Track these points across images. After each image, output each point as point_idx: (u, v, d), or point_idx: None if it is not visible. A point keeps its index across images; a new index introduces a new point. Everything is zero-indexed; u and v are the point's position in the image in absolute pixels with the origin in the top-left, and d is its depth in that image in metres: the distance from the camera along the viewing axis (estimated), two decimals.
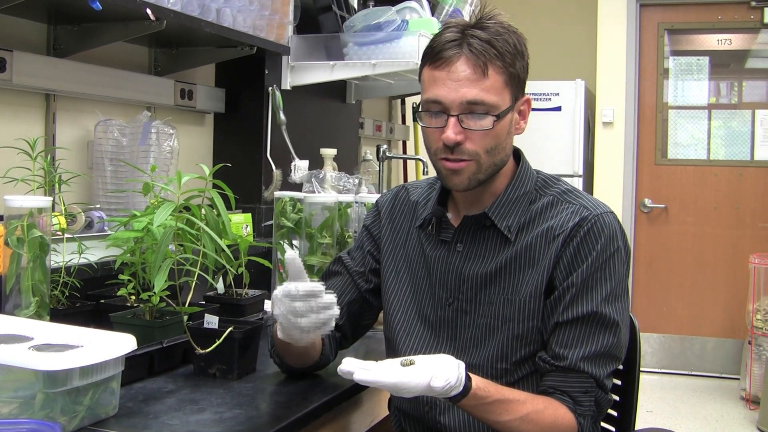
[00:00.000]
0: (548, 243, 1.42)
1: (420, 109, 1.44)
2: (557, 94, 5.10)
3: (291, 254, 1.30)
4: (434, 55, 1.40)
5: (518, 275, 1.43)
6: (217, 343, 1.48)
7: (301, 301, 1.29)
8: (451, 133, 1.38)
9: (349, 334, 1.64)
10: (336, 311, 1.34)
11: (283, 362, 1.56)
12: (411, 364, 1.25)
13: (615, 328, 1.40)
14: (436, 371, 1.24)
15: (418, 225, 1.57)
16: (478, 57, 1.37)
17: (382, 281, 1.62)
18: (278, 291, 1.32)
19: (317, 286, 1.30)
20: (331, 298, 1.32)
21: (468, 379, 1.28)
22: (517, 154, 1.54)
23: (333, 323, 1.35)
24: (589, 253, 1.40)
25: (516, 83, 1.42)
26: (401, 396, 1.25)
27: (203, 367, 1.53)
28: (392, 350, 1.58)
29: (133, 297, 1.69)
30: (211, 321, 1.53)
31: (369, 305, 1.64)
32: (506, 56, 1.39)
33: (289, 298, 1.30)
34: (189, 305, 1.54)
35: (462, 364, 1.28)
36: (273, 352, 1.56)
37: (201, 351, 1.49)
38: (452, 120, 1.39)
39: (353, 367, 1.24)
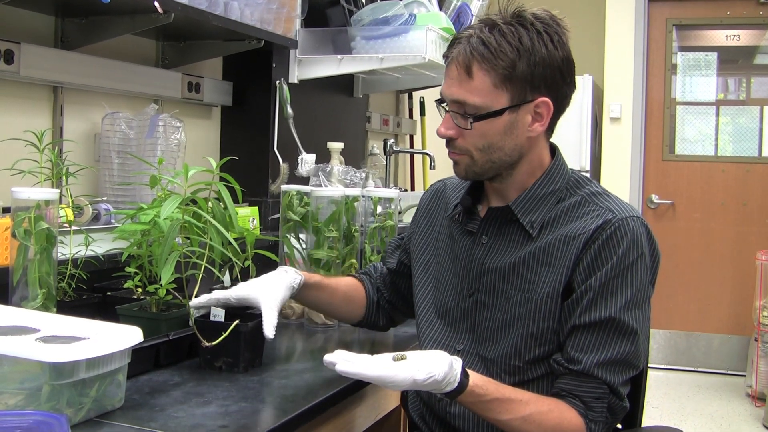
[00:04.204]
0: (569, 244, 1.40)
1: None
2: None
3: None
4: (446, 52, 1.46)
5: (535, 272, 1.42)
6: (224, 336, 1.48)
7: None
8: (441, 128, 1.45)
9: (404, 308, 1.76)
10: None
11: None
12: (402, 359, 1.26)
13: (633, 336, 1.37)
14: (421, 365, 1.25)
15: (448, 215, 1.59)
16: (465, 58, 1.38)
17: (413, 274, 1.65)
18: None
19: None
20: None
21: (465, 375, 1.29)
22: (553, 151, 1.51)
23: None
24: (610, 257, 1.37)
25: (520, 84, 1.37)
26: (389, 389, 1.25)
27: (209, 360, 1.53)
28: (417, 340, 1.60)
29: (140, 289, 1.69)
30: (218, 314, 1.53)
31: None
32: (501, 57, 1.35)
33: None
34: (195, 298, 1.54)
35: (458, 361, 1.29)
36: None
37: (207, 344, 1.49)
38: (447, 116, 1.44)
39: (337, 359, 1.26)
